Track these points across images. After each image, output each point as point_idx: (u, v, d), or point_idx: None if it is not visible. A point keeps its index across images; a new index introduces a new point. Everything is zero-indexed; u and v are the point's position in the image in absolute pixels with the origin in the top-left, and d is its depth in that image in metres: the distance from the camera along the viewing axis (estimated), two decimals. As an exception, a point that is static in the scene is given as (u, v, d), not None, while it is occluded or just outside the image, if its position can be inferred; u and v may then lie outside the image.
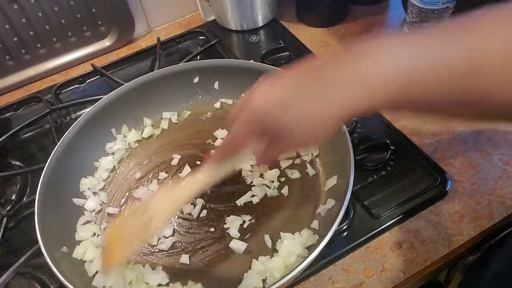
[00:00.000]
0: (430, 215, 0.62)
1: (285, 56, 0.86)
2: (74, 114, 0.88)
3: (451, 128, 0.72)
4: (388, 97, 0.36)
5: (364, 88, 0.37)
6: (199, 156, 0.74)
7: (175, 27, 1.04)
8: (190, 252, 0.62)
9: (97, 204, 0.68)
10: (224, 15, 0.96)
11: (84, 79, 0.92)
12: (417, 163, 0.67)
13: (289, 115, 0.40)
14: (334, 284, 0.57)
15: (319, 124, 0.40)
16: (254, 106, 0.42)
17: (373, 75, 0.36)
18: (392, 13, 0.98)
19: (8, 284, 0.61)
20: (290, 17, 1.00)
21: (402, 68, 0.35)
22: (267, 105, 0.41)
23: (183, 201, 0.54)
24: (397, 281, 0.57)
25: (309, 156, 0.70)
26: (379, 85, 0.36)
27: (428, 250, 0.59)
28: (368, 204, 0.63)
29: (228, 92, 0.80)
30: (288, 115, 0.40)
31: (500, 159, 0.67)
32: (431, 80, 0.35)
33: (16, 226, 0.70)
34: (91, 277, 0.59)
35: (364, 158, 0.66)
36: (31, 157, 0.82)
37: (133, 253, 0.61)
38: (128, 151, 0.76)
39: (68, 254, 0.60)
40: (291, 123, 0.40)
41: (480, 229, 0.60)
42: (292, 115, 0.40)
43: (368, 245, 0.60)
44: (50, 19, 0.90)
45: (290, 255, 0.57)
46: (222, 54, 0.93)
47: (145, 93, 0.76)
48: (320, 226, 0.61)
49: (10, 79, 0.93)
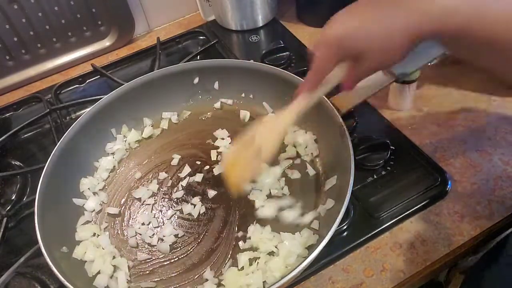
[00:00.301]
0: (430, 215, 0.62)
1: (285, 56, 0.86)
2: (74, 114, 0.88)
3: (451, 128, 0.72)
4: (455, 23, 0.41)
5: (435, 10, 0.41)
6: (199, 156, 0.74)
7: (175, 27, 1.04)
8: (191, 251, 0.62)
9: (97, 204, 0.68)
10: (224, 15, 0.96)
11: (84, 79, 0.92)
12: (417, 163, 0.67)
13: (368, 35, 0.45)
14: (334, 284, 0.57)
15: (395, 41, 0.44)
16: (335, 31, 0.47)
17: (441, 2, 0.41)
18: (392, 13, 0.98)
19: (8, 284, 0.61)
20: (290, 17, 1.00)
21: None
22: (346, 28, 0.46)
23: (285, 131, 0.60)
24: (397, 281, 0.57)
25: (309, 156, 0.70)
26: (449, 10, 0.41)
27: (428, 250, 0.59)
28: (368, 204, 0.63)
29: (228, 92, 0.80)
30: (367, 35, 0.45)
31: (500, 159, 0.67)
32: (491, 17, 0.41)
33: (16, 226, 0.70)
34: (91, 277, 0.59)
35: (364, 158, 0.66)
36: (31, 157, 0.82)
37: (249, 179, 0.64)
38: (128, 151, 0.76)
39: (68, 254, 0.60)
40: (370, 43, 0.45)
41: (480, 229, 0.60)
42: (370, 35, 0.45)
43: (368, 245, 0.60)
44: (50, 19, 0.90)
45: (290, 255, 0.57)
46: (222, 54, 0.93)
47: (145, 93, 0.76)
48: (320, 226, 0.61)
49: (10, 79, 0.93)
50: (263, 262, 0.58)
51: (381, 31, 0.44)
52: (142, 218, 0.67)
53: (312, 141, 0.71)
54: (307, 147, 0.71)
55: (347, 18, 0.47)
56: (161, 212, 0.68)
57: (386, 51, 0.46)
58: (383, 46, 0.45)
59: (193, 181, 0.70)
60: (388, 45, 0.45)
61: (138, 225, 0.66)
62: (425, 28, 0.42)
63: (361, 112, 0.73)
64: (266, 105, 0.77)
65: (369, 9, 0.46)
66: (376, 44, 0.45)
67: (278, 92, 0.74)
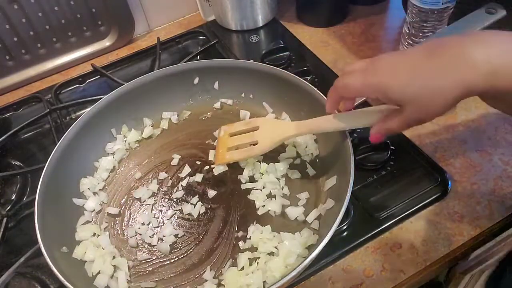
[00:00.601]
0: (430, 215, 0.62)
1: (285, 56, 0.86)
2: (74, 114, 0.88)
3: (451, 128, 0.72)
4: (508, 80, 0.41)
5: (483, 69, 0.41)
6: (199, 156, 0.74)
7: (175, 27, 1.04)
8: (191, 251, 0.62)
9: (97, 204, 0.68)
10: (224, 15, 0.96)
11: (84, 79, 0.92)
12: (417, 163, 0.67)
13: (411, 91, 0.44)
14: (334, 284, 0.57)
15: (439, 99, 0.43)
16: (378, 79, 0.46)
17: (491, 59, 0.41)
18: (392, 13, 0.98)
19: (8, 284, 0.61)
20: (290, 17, 1.00)
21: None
22: (390, 80, 0.45)
23: (286, 139, 0.64)
24: (397, 281, 0.57)
25: (309, 156, 0.70)
26: (498, 70, 0.41)
27: (428, 250, 0.59)
28: (368, 204, 0.63)
29: (228, 92, 0.80)
30: (410, 91, 0.44)
31: (500, 159, 0.67)
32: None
33: (16, 226, 0.70)
34: (91, 277, 0.59)
35: (364, 158, 0.67)
36: (31, 157, 0.82)
37: (234, 161, 0.69)
38: (128, 151, 0.76)
39: (68, 254, 0.60)
40: (413, 97, 0.44)
41: (480, 229, 0.60)
42: (413, 91, 0.44)
43: (368, 245, 0.60)
44: (50, 19, 0.90)
45: (290, 255, 0.57)
46: (222, 54, 0.93)
47: (145, 93, 0.76)
48: (320, 226, 0.61)
49: (10, 79, 0.93)
50: (263, 262, 0.58)
51: (430, 89, 0.43)
52: (142, 218, 0.67)
53: (312, 141, 0.71)
54: (307, 147, 0.71)
55: (400, 65, 0.46)
56: (161, 212, 0.68)
57: (429, 108, 0.45)
58: (427, 103, 0.44)
59: (193, 181, 0.70)
60: (434, 103, 0.44)
61: (138, 225, 0.66)
62: (480, 85, 0.41)
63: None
64: (266, 105, 0.77)
65: (426, 60, 0.44)
66: (421, 101, 0.44)
67: (278, 92, 0.74)
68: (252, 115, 0.78)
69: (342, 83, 0.52)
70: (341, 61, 0.86)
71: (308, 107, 0.69)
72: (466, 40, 0.43)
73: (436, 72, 0.43)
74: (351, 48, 0.89)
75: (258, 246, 0.60)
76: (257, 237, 0.61)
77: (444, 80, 0.42)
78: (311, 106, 0.67)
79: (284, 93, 0.73)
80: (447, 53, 0.43)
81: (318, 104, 0.65)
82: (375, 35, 0.92)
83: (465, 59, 0.41)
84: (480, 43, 0.42)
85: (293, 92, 0.71)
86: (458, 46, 0.43)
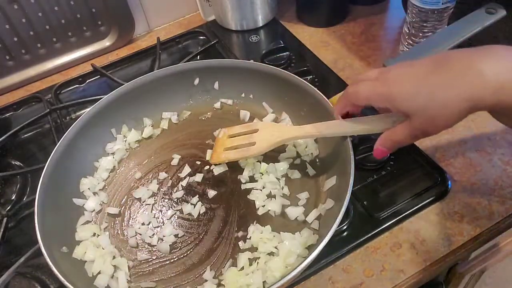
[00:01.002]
0: (430, 215, 0.62)
1: (285, 56, 0.86)
2: (74, 114, 0.88)
3: (451, 128, 0.71)
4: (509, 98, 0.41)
5: (491, 84, 0.41)
6: (199, 156, 0.74)
7: (175, 27, 1.04)
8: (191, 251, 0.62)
9: (97, 204, 0.68)
10: (224, 15, 0.96)
11: (84, 79, 0.92)
12: (417, 163, 0.67)
13: (418, 102, 0.44)
14: (334, 284, 0.57)
15: (445, 111, 0.43)
16: (388, 88, 0.47)
17: (499, 74, 0.41)
18: (392, 13, 0.98)
19: (8, 284, 0.61)
20: (290, 17, 1.00)
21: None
22: (399, 90, 0.46)
23: (284, 141, 0.63)
24: (397, 281, 0.57)
25: (309, 156, 0.70)
26: (505, 85, 0.40)
27: (428, 250, 0.59)
28: (368, 204, 0.63)
29: (228, 92, 0.80)
30: (417, 102, 0.44)
31: (500, 159, 0.67)
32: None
33: (16, 226, 0.70)
34: (91, 277, 0.59)
35: (364, 158, 0.67)
36: (31, 157, 0.82)
37: (230, 160, 0.69)
38: (128, 151, 0.76)
39: (68, 254, 0.60)
40: (420, 108, 0.44)
41: (480, 229, 0.60)
42: (420, 102, 0.44)
43: (368, 245, 0.60)
44: (50, 19, 0.90)
45: (290, 255, 0.57)
46: (222, 54, 0.93)
47: (145, 93, 0.76)
48: (320, 226, 0.61)
49: (10, 79, 0.93)
50: (263, 262, 0.58)
51: (437, 102, 0.43)
52: (142, 218, 0.67)
53: (312, 141, 0.71)
54: (307, 147, 0.71)
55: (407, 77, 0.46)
56: (161, 212, 0.68)
57: (435, 121, 0.45)
58: (434, 116, 0.44)
59: (193, 181, 0.70)
60: (441, 117, 0.44)
61: (138, 225, 0.66)
62: (487, 99, 0.41)
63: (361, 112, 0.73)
64: (266, 105, 0.78)
65: (433, 73, 0.44)
66: (427, 114, 0.44)
67: (278, 92, 0.74)
68: (252, 115, 0.78)
69: (353, 90, 0.52)
70: (341, 61, 0.86)
71: (308, 107, 0.70)
72: (475, 54, 0.43)
73: (444, 84, 0.43)
74: (351, 48, 0.89)
75: (258, 246, 0.60)
76: (257, 237, 0.61)
77: (451, 92, 0.42)
78: (311, 106, 0.67)
79: (284, 93, 0.73)
80: (455, 66, 0.43)
81: (318, 104, 0.65)
82: (375, 35, 0.92)
83: (473, 72, 0.41)
84: (489, 58, 0.42)
85: (293, 92, 0.71)
86: (467, 59, 0.43)
